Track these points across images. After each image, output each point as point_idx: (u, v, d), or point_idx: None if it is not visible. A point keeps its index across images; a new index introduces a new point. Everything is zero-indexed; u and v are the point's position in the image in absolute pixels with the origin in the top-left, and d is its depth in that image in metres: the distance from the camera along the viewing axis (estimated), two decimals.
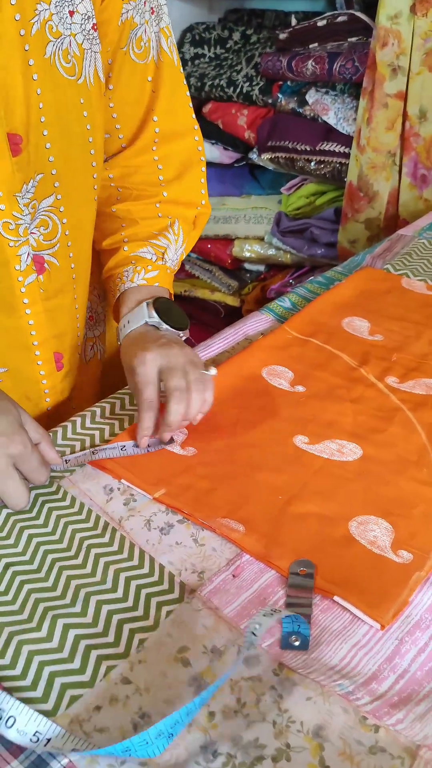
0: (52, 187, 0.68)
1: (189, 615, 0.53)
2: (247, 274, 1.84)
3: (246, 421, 0.73)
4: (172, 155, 0.81)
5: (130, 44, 0.72)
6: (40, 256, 0.70)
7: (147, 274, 0.79)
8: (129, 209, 0.82)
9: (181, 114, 0.81)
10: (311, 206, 1.61)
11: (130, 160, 0.80)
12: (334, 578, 0.56)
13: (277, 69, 1.49)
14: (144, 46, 0.73)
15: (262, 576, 0.57)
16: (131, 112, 0.77)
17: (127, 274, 0.79)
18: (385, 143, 1.36)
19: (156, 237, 0.81)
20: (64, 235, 0.72)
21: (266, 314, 0.94)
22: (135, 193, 0.81)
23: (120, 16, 0.69)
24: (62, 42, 0.63)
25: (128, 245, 0.80)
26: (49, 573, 0.57)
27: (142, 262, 0.79)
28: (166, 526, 0.61)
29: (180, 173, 0.82)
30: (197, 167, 0.84)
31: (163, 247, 0.81)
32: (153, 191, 0.82)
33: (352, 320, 0.92)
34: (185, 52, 1.71)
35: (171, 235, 0.82)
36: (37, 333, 0.73)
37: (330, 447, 0.70)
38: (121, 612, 0.54)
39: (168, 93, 0.77)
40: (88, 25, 0.66)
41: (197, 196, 0.85)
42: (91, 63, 0.68)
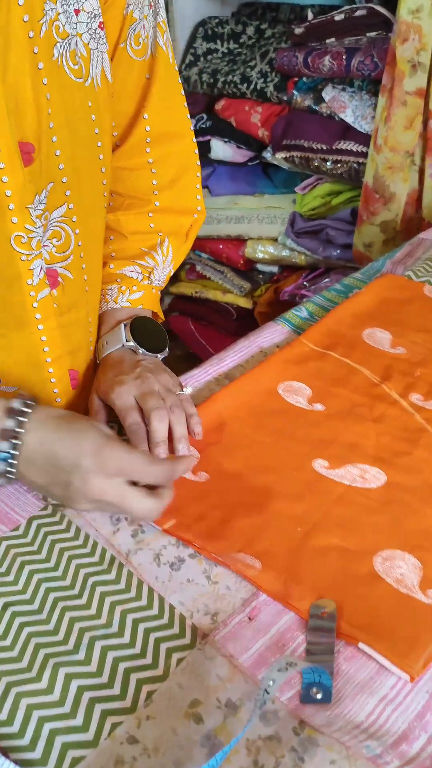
0: (63, 196, 0.64)
1: (201, 663, 0.49)
2: (259, 276, 1.79)
3: (261, 443, 0.69)
4: (167, 158, 0.77)
5: (129, 40, 0.68)
6: (53, 270, 0.67)
7: (132, 295, 0.78)
8: (119, 220, 0.78)
9: (176, 114, 0.77)
10: (327, 206, 1.56)
11: (122, 162, 0.76)
12: (359, 621, 0.51)
13: (293, 65, 1.44)
14: (143, 42, 0.70)
15: (280, 618, 0.52)
16: (125, 107, 0.73)
17: (111, 293, 0.77)
18: (403, 143, 1.31)
19: (143, 256, 0.79)
20: (77, 246, 0.68)
21: (282, 325, 0.90)
22: (127, 201, 0.78)
23: (123, 11, 0.66)
24: (69, 43, 0.60)
25: (114, 262, 0.78)
26: (51, 614, 0.53)
27: (127, 282, 0.78)
28: (177, 561, 0.57)
29: (175, 178, 0.79)
30: (192, 171, 0.80)
31: (150, 268, 0.79)
32: (146, 199, 0.79)
33: (373, 331, 0.87)
34: (197, 48, 1.66)
35: (159, 256, 0.80)
36: (51, 350, 0.70)
37: (352, 472, 0.65)
38: (128, 659, 0.50)
39: (161, 90, 0.73)
40: (94, 23, 0.62)
41: (192, 203, 0.82)
42: (98, 64, 0.64)
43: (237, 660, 0.49)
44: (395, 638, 0.50)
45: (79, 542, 0.59)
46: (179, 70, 1.68)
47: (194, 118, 1.71)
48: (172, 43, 1.65)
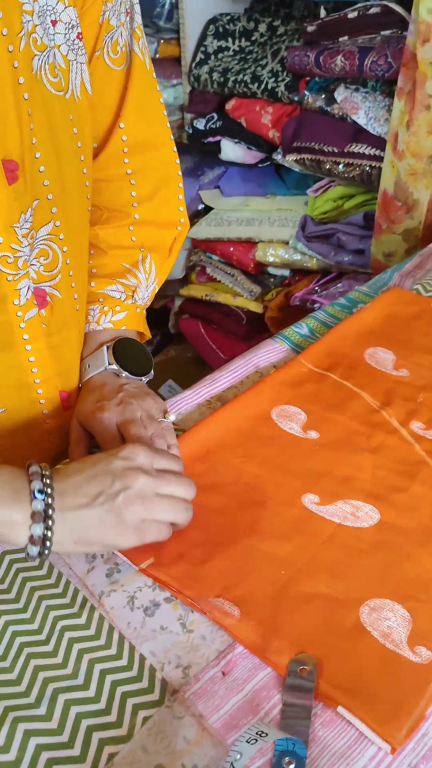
0: (49, 213, 0.62)
1: (168, 723, 0.46)
2: (270, 279, 1.75)
3: (250, 474, 0.66)
4: (147, 169, 0.74)
5: (105, 48, 0.65)
6: (41, 289, 0.64)
7: (114, 316, 0.74)
8: (98, 234, 0.75)
9: (154, 123, 0.73)
10: (339, 210, 1.51)
11: (99, 173, 0.73)
12: (340, 681, 0.48)
13: (304, 64, 1.40)
14: (120, 51, 0.67)
15: (256, 674, 0.49)
16: (104, 120, 0.70)
17: (93, 313, 0.74)
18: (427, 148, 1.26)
19: (125, 274, 0.76)
20: (65, 264, 0.65)
21: (280, 342, 0.86)
22: (105, 214, 0.75)
23: (99, 17, 0.63)
24: (47, 55, 0.57)
25: (96, 280, 0.75)
26: (15, 662, 0.51)
27: (109, 302, 0.74)
28: (152, 605, 0.54)
29: (155, 189, 0.75)
30: (174, 182, 0.77)
31: (132, 287, 0.76)
32: (125, 212, 0.75)
33: (376, 351, 0.83)
34: (208, 45, 1.62)
35: (141, 274, 0.76)
36: (39, 371, 0.67)
37: (343, 509, 0.62)
38: (92, 716, 0.47)
39: (137, 97, 0.70)
40: (72, 34, 0.59)
41: (175, 215, 0.78)
42: (78, 75, 0.61)
43: (206, 721, 0.46)
44: (378, 702, 0.46)
45: (52, 581, 0.56)
46: (189, 69, 1.64)
47: (204, 118, 1.67)
48: (183, 40, 1.62)
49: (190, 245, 1.87)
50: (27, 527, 0.50)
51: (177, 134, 1.79)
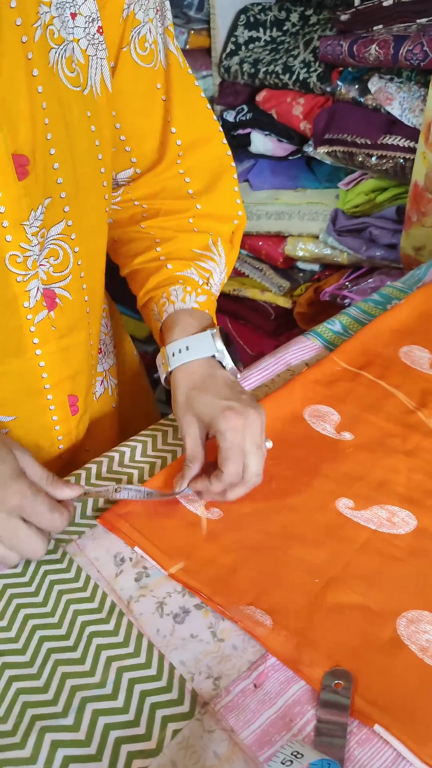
0: (61, 212, 0.60)
1: (199, 737, 0.45)
2: (299, 274, 1.72)
3: (282, 477, 0.64)
4: (198, 165, 0.71)
5: (133, 44, 0.62)
6: (50, 291, 0.62)
7: (198, 297, 0.69)
8: (161, 225, 0.72)
9: (200, 118, 0.71)
10: (371, 204, 1.48)
11: (157, 177, 0.71)
12: (376, 697, 0.46)
13: (337, 54, 1.36)
14: (149, 48, 0.64)
15: (289, 687, 0.47)
16: (139, 123, 0.68)
17: (175, 293, 0.69)
18: None
19: (200, 257, 0.71)
20: (76, 265, 0.63)
21: (312, 339, 0.84)
22: (164, 209, 0.72)
23: (122, 11, 0.60)
24: (65, 49, 0.55)
25: (171, 263, 0.70)
26: (42, 668, 0.50)
27: (191, 283, 0.70)
28: (182, 612, 0.53)
29: (210, 184, 0.72)
30: (228, 174, 0.74)
31: (208, 270, 0.72)
32: (184, 205, 0.72)
33: (411, 349, 0.80)
34: (239, 36, 1.59)
35: (216, 256, 0.72)
36: (50, 375, 0.65)
37: (379, 515, 0.60)
38: (120, 727, 0.46)
39: (181, 98, 0.68)
40: (92, 28, 0.57)
41: (233, 208, 0.75)
42: (97, 71, 0.59)
43: (238, 736, 0.45)
44: (416, 720, 0.45)
45: (79, 585, 0.55)
46: (220, 60, 1.62)
47: (234, 110, 1.64)
48: (213, 31, 1.60)
49: None
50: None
51: None
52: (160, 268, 0.70)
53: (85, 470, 0.66)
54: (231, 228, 0.75)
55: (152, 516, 0.60)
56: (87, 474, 0.66)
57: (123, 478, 0.65)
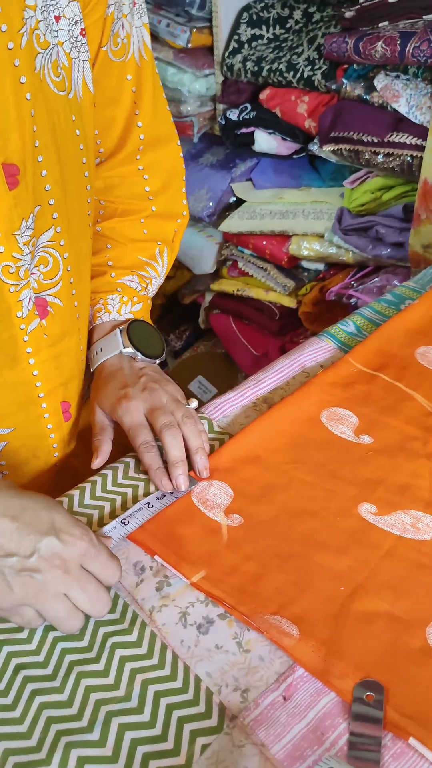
0: (50, 219, 0.60)
1: (229, 752, 0.44)
2: (304, 273, 1.71)
3: (302, 481, 0.63)
4: (157, 164, 0.74)
5: (109, 41, 0.64)
6: (42, 299, 0.62)
7: (133, 307, 0.75)
8: (115, 228, 0.76)
9: (163, 118, 0.74)
10: (377, 202, 1.47)
11: (113, 170, 0.73)
12: (409, 709, 0.45)
13: (342, 51, 1.35)
14: (121, 43, 0.65)
15: (319, 699, 0.46)
16: (109, 113, 0.69)
17: (112, 302, 0.74)
18: None
19: (143, 266, 0.76)
20: (65, 271, 0.63)
21: (327, 341, 0.83)
22: (121, 207, 0.75)
23: (105, 12, 0.61)
24: (50, 53, 0.55)
25: (115, 271, 0.75)
26: (65, 682, 0.48)
27: (128, 292, 0.75)
28: (205, 622, 0.52)
29: (166, 183, 0.76)
30: (180, 175, 0.78)
31: (148, 279, 0.77)
32: (140, 205, 0.76)
33: (428, 350, 0.79)
34: (241, 34, 1.58)
35: (159, 267, 0.78)
36: (43, 384, 0.65)
37: (403, 520, 0.59)
38: (147, 742, 0.45)
39: (151, 95, 0.70)
40: (75, 30, 0.57)
41: (180, 207, 0.79)
42: (80, 73, 0.59)
43: (269, 750, 0.43)
44: None
45: None
46: (222, 58, 1.61)
47: (238, 109, 1.63)
48: (215, 29, 1.58)
49: (221, 239, 1.84)
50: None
51: (209, 125, 1.75)
52: (104, 274, 0.75)
53: (67, 497, 0.63)
54: (174, 227, 0.79)
55: (171, 524, 0.59)
56: (69, 501, 0.62)
57: (106, 504, 0.62)
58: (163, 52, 1.65)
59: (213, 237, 1.85)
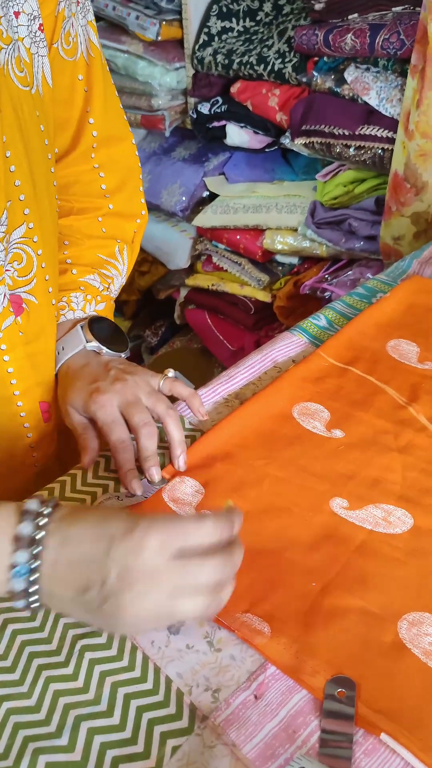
0: (22, 215, 0.59)
1: (200, 754, 0.43)
2: (279, 267, 1.71)
3: (274, 477, 0.62)
4: (112, 162, 0.73)
5: (60, 39, 0.63)
6: (17, 296, 0.61)
7: (97, 306, 0.73)
8: (72, 225, 0.74)
9: (115, 116, 0.73)
10: (349, 195, 1.47)
11: (68, 169, 0.72)
12: (381, 705, 0.45)
13: (313, 44, 1.35)
14: (72, 41, 0.64)
15: (290, 697, 0.46)
16: (62, 113, 0.68)
17: (76, 300, 0.71)
18: None
19: (103, 264, 0.75)
20: (40, 268, 0.63)
21: (298, 335, 0.82)
22: (77, 206, 0.74)
23: (56, 7, 0.60)
24: (13, 48, 0.54)
25: (76, 268, 0.73)
26: (33, 686, 0.47)
27: (91, 291, 0.73)
28: (176, 622, 0.51)
29: (122, 182, 0.75)
30: (136, 174, 0.77)
31: (110, 278, 0.75)
32: (97, 203, 0.74)
33: (399, 343, 0.79)
34: (211, 27, 1.57)
35: (119, 264, 0.76)
36: (18, 382, 0.64)
37: (374, 514, 0.58)
38: (117, 746, 0.44)
39: (101, 93, 0.69)
40: (34, 26, 0.57)
41: (138, 207, 0.78)
42: (39, 69, 0.59)
43: (240, 750, 0.43)
44: (423, 728, 0.43)
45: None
46: (193, 51, 1.59)
47: (209, 102, 1.62)
48: (185, 22, 1.57)
49: (195, 234, 1.83)
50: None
51: (181, 119, 1.74)
52: (65, 272, 0.72)
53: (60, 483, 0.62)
54: (134, 227, 0.78)
55: None
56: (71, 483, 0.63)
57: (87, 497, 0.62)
58: (133, 46, 1.63)
59: (187, 232, 1.85)
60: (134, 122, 1.72)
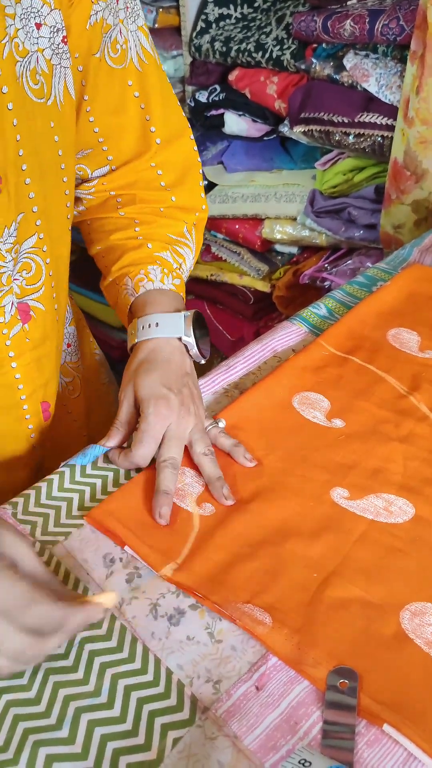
0: (33, 226, 0.59)
1: (201, 745, 0.43)
2: (278, 257, 1.70)
3: (274, 468, 0.62)
4: (171, 160, 0.72)
5: (105, 48, 0.61)
6: (24, 304, 0.61)
7: (174, 280, 0.70)
8: (138, 211, 0.72)
9: (174, 116, 0.71)
10: (349, 183, 1.45)
11: (130, 171, 0.71)
12: (383, 696, 0.45)
13: (311, 30, 1.33)
14: (120, 49, 0.63)
15: (292, 688, 0.46)
16: (115, 122, 0.67)
17: (154, 272, 0.69)
18: None
19: (176, 242, 0.72)
20: (48, 276, 0.63)
21: (298, 324, 0.82)
22: (139, 195, 0.72)
23: (89, 18, 0.59)
24: (29, 61, 0.54)
25: (151, 242, 0.70)
26: (33, 679, 0.47)
27: (167, 265, 0.70)
28: (176, 613, 0.51)
29: (181, 177, 0.73)
30: (196, 169, 0.75)
31: (182, 256, 0.73)
32: (158, 196, 0.73)
33: (399, 332, 0.79)
34: (209, 13, 1.55)
35: (191, 242, 0.74)
36: (25, 386, 0.65)
37: (375, 504, 0.58)
38: (118, 738, 0.44)
39: (160, 99, 0.68)
40: (57, 38, 0.56)
41: (198, 201, 0.76)
42: (61, 80, 0.58)
43: (242, 742, 0.43)
44: (426, 718, 0.43)
45: (68, 588, 0.53)
46: (190, 39, 1.58)
47: (207, 90, 1.61)
48: (182, 9, 1.55)
49: None
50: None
51: None
52: (140, 246, 0.70)
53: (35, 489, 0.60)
54: (194, 219, 0.76)
55: (142, 512, 0.58)
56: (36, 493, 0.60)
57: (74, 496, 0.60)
58: None
59: None
60: None
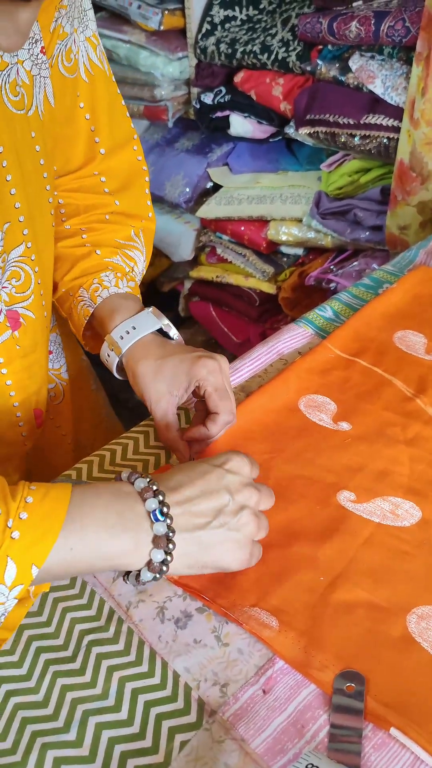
0: (21, 235, 0.60)
1: (208, 748, 0.43)
2: (283, 259, 1.70)
3: (280, 470, 0.62)
4: (114, 168, 0.72)
5: (60, 56, 0.62)
6: (14, 311, 0.62)
7: (128, 284, 0.70)
8: (84, 220, 0.73)
9: (120, 126, 0.72)
10: (354, 185, 1.45)
11: (71, 183, 0.71)
12: (390, 699, 0.45)
13: (317, 32, 1.33)
14: (73, 59, 0.63)
15: (299, 692, 0.46)
16: (63, 132, 0.67)
17: (107, 279, 0.69)
18: None
19: (125, 246, 0.72)
20: (37, 284, 0.63)
21: (304, 327, 0.82)
22: (83, 204, 0.72)
23: (51, 23, 0.59)
24: (8, 73, 0.54)
25: (99, 249, 0.70)
26: (41, 681, 0.47)
27: (119, 270, 0.70)
28: (183, 616, 0.51)
29: (125, 184, 0.74)
30: (141, 177, 0.75)
31: (133, 259, 0.73)
32: (102, 200, 0.73)
33: (406, 334, 0.79)
34: (214, 15, 1.55)
35: (140, 245, 0.74)
36: (17, 393, 0.65)
37: (382, 507, 0.58)
38: (125, 741, 0.44)
39: (106, 109, 0.68)
40: (36, 49, 0.57)
41: (144, 208, 0.76)
42: (41, 90, 0.59)
43: (249, 745, 0.43)
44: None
45: (75, 591, 0.53)
46: (195, 40, 1.58)
47: (212, 92, 1.61)
48: (188, 11, 1.56)
49: (199, 225, 1.82)
50: (147, 552, 0.46)
51: (184, 110, 1.73)
52: (89, 254, 0.70)
53: (86, 463, 0.63)
54: (140, 225, 0.76)
55: None
56: (88, 468, 0.63)
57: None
58: (135, 35, 1.62)
59: (191, 223, 1.84)
60: (137, 113, 1.71)
